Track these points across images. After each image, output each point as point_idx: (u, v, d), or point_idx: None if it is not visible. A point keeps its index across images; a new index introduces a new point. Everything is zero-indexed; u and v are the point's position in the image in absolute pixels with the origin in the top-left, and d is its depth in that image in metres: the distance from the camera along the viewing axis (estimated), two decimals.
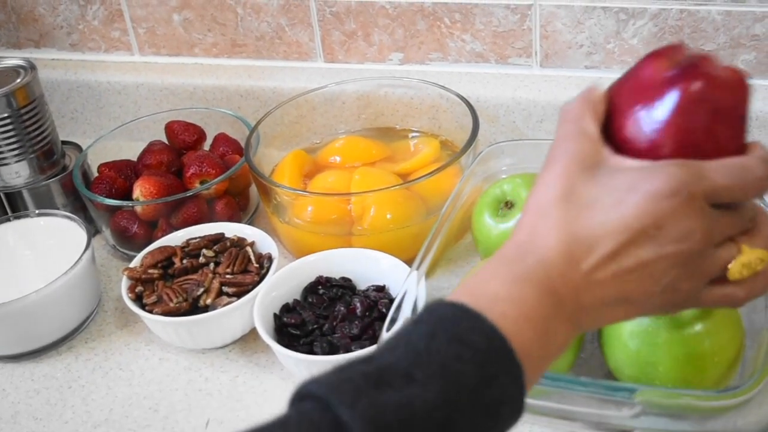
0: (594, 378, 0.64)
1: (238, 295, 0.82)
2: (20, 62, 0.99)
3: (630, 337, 0.65)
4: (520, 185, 0.79)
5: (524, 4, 0.99)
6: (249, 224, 0.93)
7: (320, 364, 0.74)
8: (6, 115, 0.94)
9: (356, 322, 0.78)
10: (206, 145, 1.06)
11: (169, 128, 1.04)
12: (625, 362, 0.66)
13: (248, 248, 0.87)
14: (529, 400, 0.62)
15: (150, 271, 0.85)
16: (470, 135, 0.90)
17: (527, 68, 1.04)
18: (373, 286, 0.83)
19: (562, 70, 1.03)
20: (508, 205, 0.79)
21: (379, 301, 0.80)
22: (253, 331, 0.82)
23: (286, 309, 0.82)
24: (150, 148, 1.02)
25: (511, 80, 1.04)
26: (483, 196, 0.82)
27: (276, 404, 0.77)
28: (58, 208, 0.99)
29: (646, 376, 0.65)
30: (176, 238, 0.90)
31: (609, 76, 0.98)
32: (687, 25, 0.94)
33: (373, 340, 0.75)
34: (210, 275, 0.84)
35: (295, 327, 0.79)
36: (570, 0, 0.97)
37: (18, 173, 0.98)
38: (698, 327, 0.64)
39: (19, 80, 0.96)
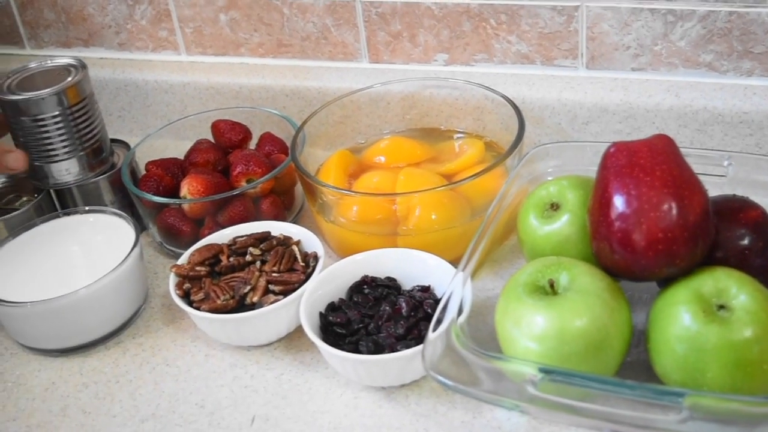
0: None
1: (285, 293, 0.82)
2: (71, 61, 1.00)
3: (678, 342, 0.65)
4: (566, 187, 0.79)
5: (571, 5, 0.99)
6: (294, 223, 0.93)
7: (366, 363, 0.74)
8: (57, 113, 0.96)
9: (402, 322, 0.78)
10: (252, 144, 1.06)
11: (216, 127, 1.05)
12: (673, 367, 0.66)
13: (294, 247, 0.87)
14: (573, 402, 0.63)
15: (197, 268, 0.86)
16: (516, 136, 0.90)
17: (573, 70, 1.04)
18: (418, 286, 0.83)
19: (608, 72, 1.02)
20: (554, 206, 0.79)
21: (424, 301, 0.80)
22: (299, 329, 0.83)
23: (332, 308, 0.82)
24: (197, 147, 1.03)
25: (556, 82, 1.03)
26: (528, 198, 0.82)
27: (320, 402, 0.77)
28: (106, 205, 1.00)
29: (694, 382, 0.64)
30: (223, 236, 0.91)
31: (655, 78, 1.00)
32: (736, 28, 0.93)
33: (419, 340, 0.76)
34: (256, 273, 0.84)
35: (341, 326, 0.79)
36: (617, 1, 0.96)
37: (68, 170, 0.99)
38: (747, 333, 0.63)
39: (69, 79, 0.97)
